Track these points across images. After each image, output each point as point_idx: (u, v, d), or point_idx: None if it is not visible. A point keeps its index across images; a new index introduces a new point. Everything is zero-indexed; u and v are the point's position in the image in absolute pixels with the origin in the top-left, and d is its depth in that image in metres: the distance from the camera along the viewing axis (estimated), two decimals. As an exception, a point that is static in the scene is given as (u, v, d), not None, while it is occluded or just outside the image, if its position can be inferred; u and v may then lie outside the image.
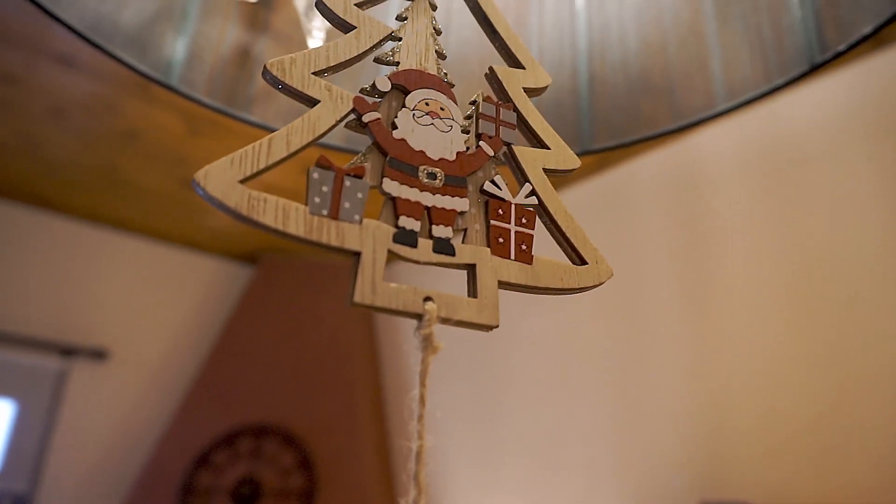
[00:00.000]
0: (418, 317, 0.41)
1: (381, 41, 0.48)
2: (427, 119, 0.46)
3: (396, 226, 0.42)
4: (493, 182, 0.47)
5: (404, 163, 0.44)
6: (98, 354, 2.93)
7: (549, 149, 0.51)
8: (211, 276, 3.44)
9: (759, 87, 0.68)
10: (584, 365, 2.30)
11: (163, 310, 3.26)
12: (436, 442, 2.52)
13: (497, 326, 0.43)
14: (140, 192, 2.83)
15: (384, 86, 0.46)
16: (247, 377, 3.05)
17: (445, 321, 0.42)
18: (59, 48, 2.02)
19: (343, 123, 0.45)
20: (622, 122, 0.77)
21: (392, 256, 0.41)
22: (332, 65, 0.46)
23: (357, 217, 0.41)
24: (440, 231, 0.43)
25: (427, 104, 0.47)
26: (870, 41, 0.97)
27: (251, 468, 2.76)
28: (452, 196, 0.45)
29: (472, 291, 0.44)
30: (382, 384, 3.16)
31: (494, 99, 0.50)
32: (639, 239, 2.26)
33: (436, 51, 0.51)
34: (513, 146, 0.49)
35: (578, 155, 0.54)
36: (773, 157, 1.98)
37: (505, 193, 0.47)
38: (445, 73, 0.50)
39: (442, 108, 0.47)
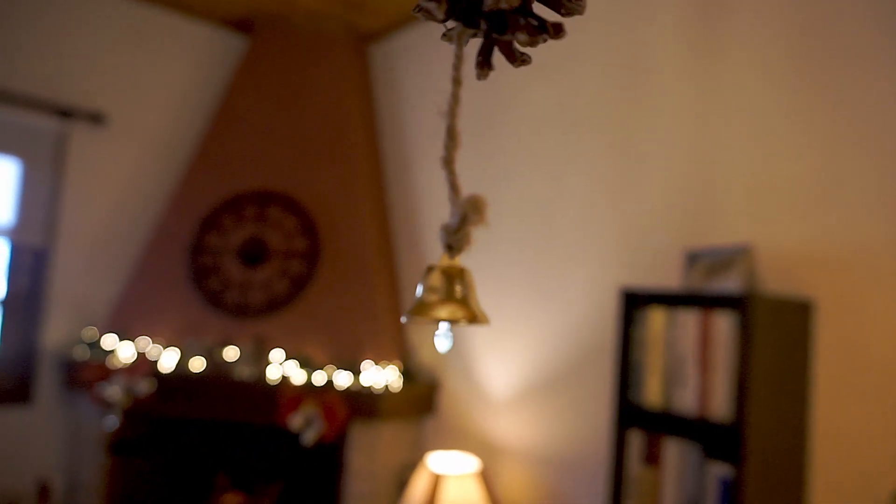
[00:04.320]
0: None
1: None
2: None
3: None
4: None
5: None
6: (96, 118, 2.91)
7: None
8: (205, 44, 3.31)
9: None
10: (583, 124, 2.30)
11: (159, 77, 3.18)
12: (436, 207, 2.61)
13: None
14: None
15: None
16: (247, 146, 3.06)
17: None
18: None
19: None
20: None
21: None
22: None
23: None
24: None
25: None
26: None
27: (257, 231, 2.89)
28: None
29: None
30: (381, 152, 3.19)
31: None
32: (648, 1, 2.14)
33: None
34: None
35: None
36: None
37: None
38: None
39: None
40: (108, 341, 2.72)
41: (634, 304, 1.75)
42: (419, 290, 0.44)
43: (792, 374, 1.62)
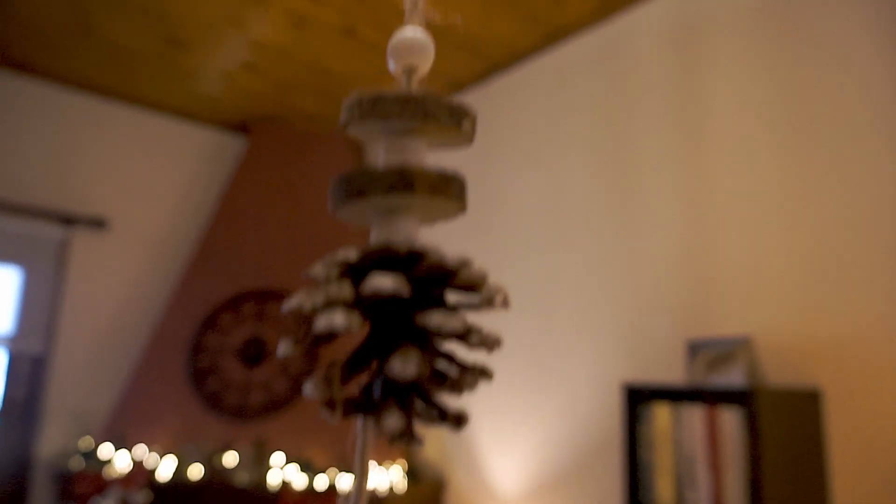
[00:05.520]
0: None
1: None
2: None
3: None
4: None
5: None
6: (98, 223, 2.96)
7: None
8: (204, 146, 3.40)
9: None
10: (577, 216, 2.32)
11: (159, 180, 3.26)
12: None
13: None
14: (123, 54, 2.73)
15: None
16: (247, 245, 3.09)
17: None
18: None
19: None
20: None
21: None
22: None
23: None
24: None
25: None
26: None
27: (256, 330, 2.87)
28: None
29: None
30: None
31: None
32: (634, 91, 2.20)
33: None
34: None
35: None
36: (772, 7, 1.88)
37: None
38: None
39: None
40: (105, 451, 2.65)
41: (638, 399, 1.70)
42: None
43: (807, 468, 1.56)
